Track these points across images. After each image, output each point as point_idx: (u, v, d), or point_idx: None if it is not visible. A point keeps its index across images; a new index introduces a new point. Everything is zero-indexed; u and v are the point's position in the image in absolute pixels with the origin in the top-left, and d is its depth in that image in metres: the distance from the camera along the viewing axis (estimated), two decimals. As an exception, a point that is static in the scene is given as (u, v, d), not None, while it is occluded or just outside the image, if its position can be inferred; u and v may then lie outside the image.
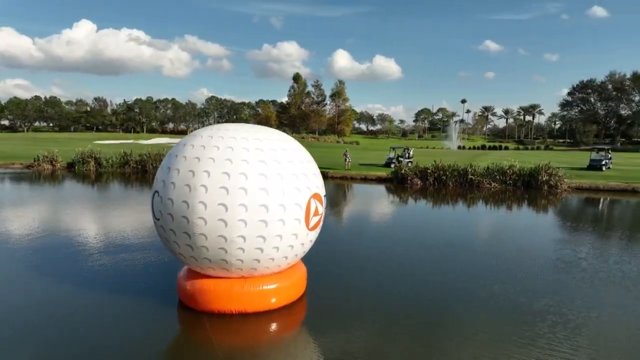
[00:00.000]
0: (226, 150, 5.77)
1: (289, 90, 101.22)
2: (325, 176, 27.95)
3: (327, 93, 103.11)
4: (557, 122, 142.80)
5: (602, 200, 20.39)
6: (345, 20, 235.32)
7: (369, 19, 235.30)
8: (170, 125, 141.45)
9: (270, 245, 5.82)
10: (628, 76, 79.57)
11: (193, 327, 6.08)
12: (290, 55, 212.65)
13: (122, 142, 62.28)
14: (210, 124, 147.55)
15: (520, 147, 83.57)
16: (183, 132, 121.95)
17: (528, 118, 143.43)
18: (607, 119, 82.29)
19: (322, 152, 49.38)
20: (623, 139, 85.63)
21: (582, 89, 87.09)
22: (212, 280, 6.18)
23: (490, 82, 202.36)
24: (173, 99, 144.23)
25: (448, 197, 20.22)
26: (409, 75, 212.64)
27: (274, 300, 6.25)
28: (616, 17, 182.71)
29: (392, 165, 30.72)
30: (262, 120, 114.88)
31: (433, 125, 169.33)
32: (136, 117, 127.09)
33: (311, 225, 6.14)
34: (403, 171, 25.29)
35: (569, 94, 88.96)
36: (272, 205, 5.63)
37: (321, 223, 6.58)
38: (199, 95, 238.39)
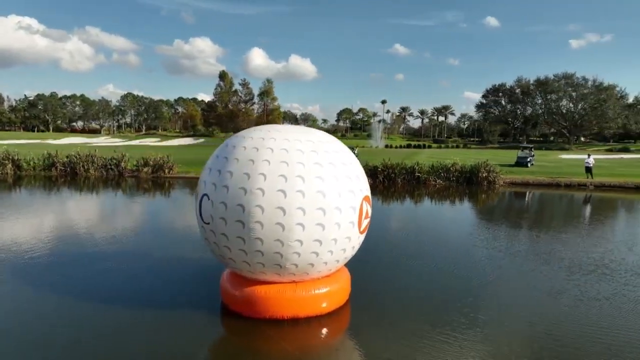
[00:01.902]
0: (281, 153, 5.59)
1: (215, 89, 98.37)
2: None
3: (255, 92, 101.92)
4: (465, 122, 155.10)
5: (529, 192, 22.52)
6: (261, 18, 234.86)
7: (284, 18, 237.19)
8: (79, 124, 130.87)
9: (326, 249, 5.74)
10: (532, 81, 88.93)
11: (249, 335, 5.83)
12: (203, 51, 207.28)
13: (27, 142, 56.50)
14: (126, 122, 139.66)
15: (442, 145, 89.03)
16: (95, 131, 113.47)
17: (441, 118, 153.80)
18: (516, 119, 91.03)
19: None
20: (521, 138, 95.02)
21: (494, 92, 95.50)
22: (263, 286, 5.97)
23: (400, 84, 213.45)
24: (82, 96, 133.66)
25: (397, 195, 21.06)
26: (324, 75, 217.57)
27: (324, 304, 6.14)
28: (507, 27, 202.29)
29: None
30: (186, 119, 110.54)
31: (354, 124, 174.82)
32: (40, 114, 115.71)
33: (362, 227, 6.14)
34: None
35: (483, 96, 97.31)
36: (329, 209, 5.56)
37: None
38: (104, 92, 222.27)
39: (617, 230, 13.94)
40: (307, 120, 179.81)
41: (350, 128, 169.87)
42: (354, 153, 31.01)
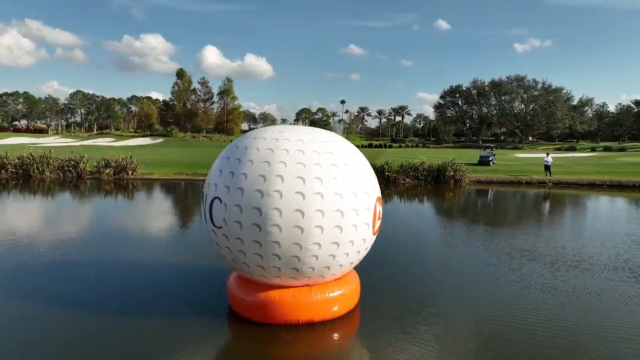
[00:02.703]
0: (297, 154, 5.47)
1: (173, 87, 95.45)
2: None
3: (214, 91, 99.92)
4: (421, 122, 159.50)
5: (491, 190, 23.43)
6: (215, 16, 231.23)
7: (240, 16, 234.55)
8: (23, 123, 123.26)
9: (342, 251, 5.69)
10: (487, 83, 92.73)
11: (262, 340, 5.66)
12: (155, 48, 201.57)
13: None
14: (75, 121, 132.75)
15: (402, 145, 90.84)
16: (42, 131, 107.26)
17: (398, 118, 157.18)
18: (472, 120, 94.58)
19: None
20: (475, 138, 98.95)
21: (452, 93, 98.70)
22: (277, 290, 5.82)
23: (356, 84, 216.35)
24: (26, 93, 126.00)
25: None
26: (280, 75, 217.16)
27: (335, 308, 6.06)
28: (457, 30, 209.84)
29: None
30: (142, 117, 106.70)
31: (313, 124, 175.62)
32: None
33: (375, 229, 6.12)
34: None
35: (441, 97, 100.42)
36: (346, 211, 5.49)
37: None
38: (48, 89, 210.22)
39: (576, 223, 14.73)
40: (266, 120, 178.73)
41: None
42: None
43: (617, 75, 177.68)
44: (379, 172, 25.07)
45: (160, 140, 69.58)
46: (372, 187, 6.00)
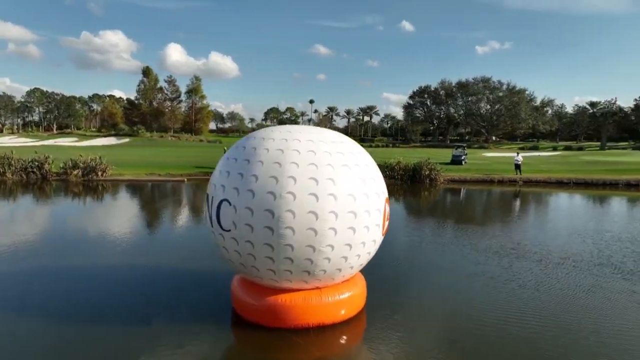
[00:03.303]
0: (308, 155, 5.37)
1: (138, 85, 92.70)
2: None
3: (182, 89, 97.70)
4: (388, 122, 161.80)
5: (463, 189, 24.01)
6: (178, 13, 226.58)
7: (203, 13, 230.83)
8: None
9: (354, 253, 5.63)
10: (454, 84, 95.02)
11: (272, 346, 5.53)
12: (116, 45, 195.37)
13: None
14: (33, 120, 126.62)
15: (372, 145, 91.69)
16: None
17: (366, 118, 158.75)
18: (440, 120, 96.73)
19: (196, 152, 47.00)
20: (441, 137, 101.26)
21: (420, 94, 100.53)
22: (288, 294, 5.70)
23: (323, 83, 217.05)
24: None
25: None
26: (246, 74, 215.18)
27: (343, 312, 5.97)
28: (421, 31, 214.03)
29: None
30: (105, 117, 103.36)
31: (281, 124, 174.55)
32: None
33: (384, 229, 6.09)
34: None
35: (410, 97, 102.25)
36: (359, 212, 5.44)
37: None
38: (0, 86, 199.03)
39: (554, 221, 15.26)
40: (234, 119, 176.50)
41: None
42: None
43: (571, 78, 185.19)
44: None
45: (127, 140, 67.48)
46: (382, 187, 5.99)
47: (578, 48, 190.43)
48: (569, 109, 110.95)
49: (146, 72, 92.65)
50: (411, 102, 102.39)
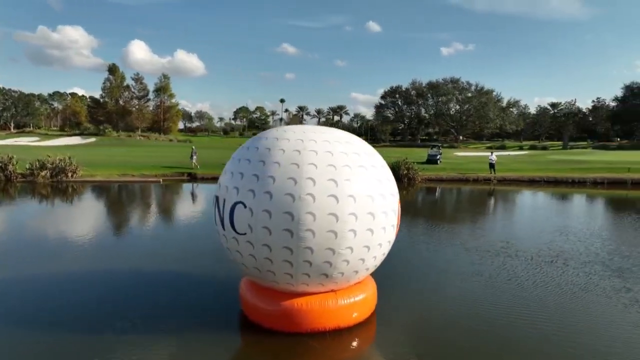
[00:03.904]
0: (326, 155, 5.27)
1: (104, 83, 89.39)
2: (195, 177, 26.46)
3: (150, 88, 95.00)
4: (358, 122, 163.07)
5: (439, 188, 24.47)
6: (142, 9, 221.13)
7: (168, 10, 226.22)
8: None
9: (372, 254, 5.57)
10: (424, 84, 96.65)
11: (289, 351, 5.40)
12: (76, 41, 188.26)
13: None
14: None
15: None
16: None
17: (336, 118, 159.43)
18: (411, 120, 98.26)
19: (166, 152, 45.91)
20: (410, 137, 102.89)
21: (392, 94, 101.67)
22: (303, 298, 5.58)
23: (291, 83, 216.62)
24: None
25: None
26: (213, 72, 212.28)
27: (355, 314, 5.88)
28: (387, 32, 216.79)
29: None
30: (68, 115, 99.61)
31: (252, 123, 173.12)
32: None
33: (397, 230, 6.05)
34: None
35: (382, 97, 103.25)
36: (377, 213, 5.38)
37: None
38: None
39: (535, 219, 15.73)
40: (203, 118, 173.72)
41: (248, 127, 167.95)
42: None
43: (530, 79, 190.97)
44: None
45: (93, 139, 65.06)
46: (395, 188, 5.95)
47: (538, 51, 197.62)
48: (531, 109, 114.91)
49: (112, 69, 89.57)
50: (383, 102, 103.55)
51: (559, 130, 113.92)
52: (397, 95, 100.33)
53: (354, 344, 5.75)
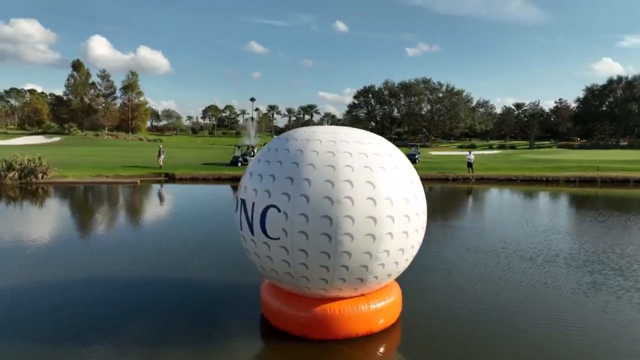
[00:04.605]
0: (360, 157, 5.15)
1: (67, 80, 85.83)
2: (173, 178, 25.74)
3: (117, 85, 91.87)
4: (328, 121, 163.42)
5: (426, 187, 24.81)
6: (103, 3, 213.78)
7: (131, 5, 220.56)
8: None
9: (405, 257, 5.49)
10: (397, 84, 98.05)
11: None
12: (30, 36, 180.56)
13: None
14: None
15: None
16: None
17: (307, 117, 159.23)
18: (383, 119, 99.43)
19: (137, 152, 44.54)
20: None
21: (365, 94, 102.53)
22: (335, 303, 5.44)
23: (258, 82, 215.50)
24: None
25: None
26: (178, 70, 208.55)
27: (381, 321, 5.74)
28: (354, 32, 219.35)
29: (239, 164, 30.32)
30: (29, 113, 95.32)
31: (221, 122, 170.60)
32: None
33: (424, 231, 5.99)
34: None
35: (355, 97, 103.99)
36: (411, 215, 5.31)
37: None
38: None
39: (523, 217, 16.10)
40: (171, 117, 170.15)
41: (217, 126, 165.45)
42: (253, 152, 30.84)
43: (492, 80, 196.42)
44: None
45: (57, 138, 62.33)
46: (422, 190, 5.88)
47: (497, 53, 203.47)
48: (494, 109, 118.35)
49: (76, 65, 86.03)
50: (356, 101, 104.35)
51: (523, 130, 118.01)
52: (370, 95, 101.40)
53: (381, 350, 5.63)
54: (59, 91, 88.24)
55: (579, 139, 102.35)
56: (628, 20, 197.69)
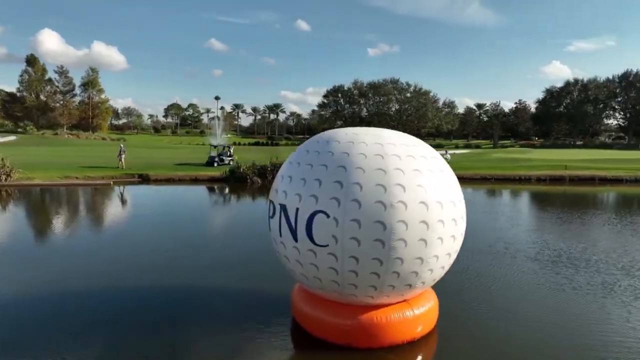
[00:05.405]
0: (408, 160, 5.02)
1: (21, 76, 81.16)
2: (147, 179, 24.79)
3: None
4: (294, 120, 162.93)
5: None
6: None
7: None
8: None
9: (449, 261, 5.43)
10: (366, 84, 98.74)
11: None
12: None
13: None
14: None
15: (289, 142, 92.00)
16: None
17: (272, 116, 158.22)
18: (352, 118, 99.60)
19: (102, 152, 42.70)
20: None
21: (334, 93, 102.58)
22: (381, 310, 5.30)
23: (219, 80, 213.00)
24: None
25: None
26: (135, 67, 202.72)
27: (419, 329, 5.61)
28: (316, 31, 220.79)
29: (216, 164, 29.63)
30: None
31: (184, 120, 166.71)
32: None
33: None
34: (242, 170, 24.87)
35: (325, 96, 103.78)
36: (457, 219, 5.23)
37: None
38: None
39: (512, 217, 16.50)
40: (131, 115, 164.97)
41: (181, 124, 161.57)
42: (230, 152, 30.28)
43: (451, 80, 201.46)
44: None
45: (12, 137, 58.82)
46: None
47: (458, 54, 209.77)
48: (459, 109, 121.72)
49: (31, 61, 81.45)
50: (325, 100, 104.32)
51: (485, 130, 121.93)
52: (340, 95, 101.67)
53: (419, 358, 5.52)
54: (8, 87, 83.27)
55: (536, 138, 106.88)
56: (575, 26, 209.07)
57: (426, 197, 4.84)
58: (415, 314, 5.41)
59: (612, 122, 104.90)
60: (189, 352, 5.32)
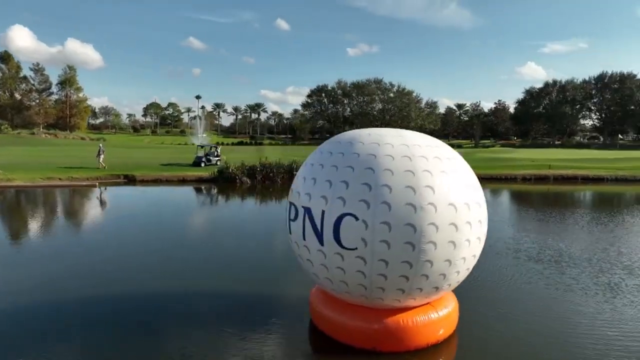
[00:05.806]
0: (435, 162, 4.97)
1: (-6, 73, 78.52)
2: (133, 180, 24.27)
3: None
4: (275, 120, 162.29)
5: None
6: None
7: None
8: None
9: (473, 263, 5.39)
10: (349, 84, 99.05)
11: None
12: None
13: None
14: None
15: (273, 142, 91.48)
16: None
17: (254, 116, 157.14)
18: (335, 118, 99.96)
19: (83, 151, 41.64)
20: (328, 135, 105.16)
21: (318, 93, 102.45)
22: (407, 313, 5.23)
23: (198, 79, 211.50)
24: None
25: (280, 194, 20.71)
26: (112, 65, 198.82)
27: (441, 331, 5.56)
28: (296, 30, 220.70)
29: (203, 164, 29.23)
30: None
31: (163, 120, 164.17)
32: None
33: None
34: (231, 170, 24.56)
35: (308, 96, 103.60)
36: (483, 220, 5.21)
37: None
38: None
39: (509, 218, 16.69)
40: (109, 114, 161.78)
41: (160, 124, 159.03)
42: (217, 152, 29.72)
43: (431, 80, 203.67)
44: (287, 171, 24.67)
45: (-14, 137, 56.86)
46: (483, 194, 5.80)
47: (436, 54, 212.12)
48: (439, 109, 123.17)
49: (4, 58, 78.90)
50: (309, 100, 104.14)
51: (465, 130, 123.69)
52: (323, 95, 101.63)
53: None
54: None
55: (515, 138, 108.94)
56: (548, 28, 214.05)
57: (454, 198, 4.80)
58: (440, 316, 5.37)
59: (587, 122, 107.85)
60: (189, 352, 5.16)
